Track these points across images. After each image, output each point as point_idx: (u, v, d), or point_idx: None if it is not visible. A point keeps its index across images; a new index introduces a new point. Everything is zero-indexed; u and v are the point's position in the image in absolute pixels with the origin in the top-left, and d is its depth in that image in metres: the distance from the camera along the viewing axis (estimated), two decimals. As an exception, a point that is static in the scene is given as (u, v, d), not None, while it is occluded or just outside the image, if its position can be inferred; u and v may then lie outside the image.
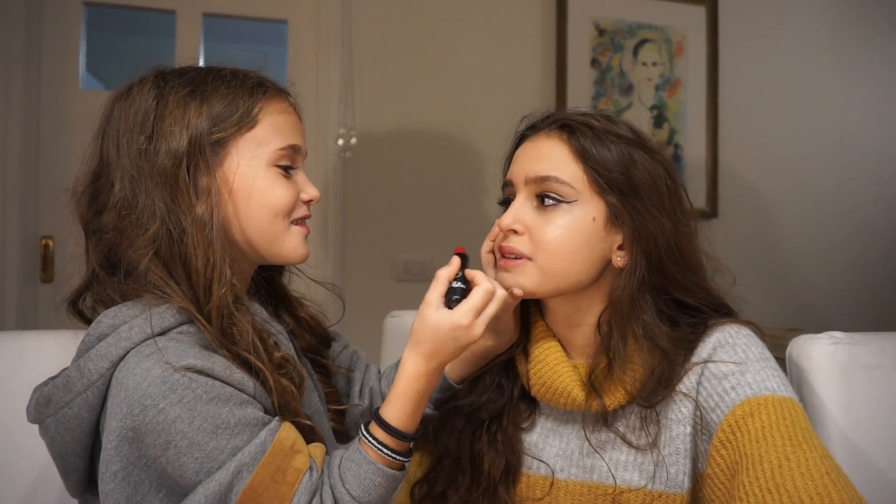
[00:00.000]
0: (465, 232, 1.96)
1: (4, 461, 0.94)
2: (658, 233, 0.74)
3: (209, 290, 0.68)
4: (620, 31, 2.18)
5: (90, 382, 0.65)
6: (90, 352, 0.66)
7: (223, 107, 0.72)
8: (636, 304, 0.74)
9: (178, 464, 0.61)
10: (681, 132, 2.23)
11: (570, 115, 0.79)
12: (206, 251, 0.68)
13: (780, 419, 0.64)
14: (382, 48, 2.00)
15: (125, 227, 0.70)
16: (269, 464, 0.63)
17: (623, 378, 0.73)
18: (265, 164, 0.74)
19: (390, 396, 0.71)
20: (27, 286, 1.80)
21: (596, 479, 0.75)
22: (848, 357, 0.87)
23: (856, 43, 2.44)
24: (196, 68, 0.77)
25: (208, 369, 0.63)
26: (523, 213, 0.77)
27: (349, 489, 0.67)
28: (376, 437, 0.70)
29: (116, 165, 0.72)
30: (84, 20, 1.86)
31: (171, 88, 0.73)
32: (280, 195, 0.74)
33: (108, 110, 0.76)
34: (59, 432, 0.66)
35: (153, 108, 0.71)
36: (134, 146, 0.70)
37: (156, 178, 0.69)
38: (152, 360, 0.63)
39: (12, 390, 0.96)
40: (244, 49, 3.20)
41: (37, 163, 1.81)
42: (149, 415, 0.60)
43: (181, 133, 0.70)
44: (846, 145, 2.43)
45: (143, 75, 0.76)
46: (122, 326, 0.66)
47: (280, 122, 0.76)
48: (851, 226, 2.42)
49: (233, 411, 0.63)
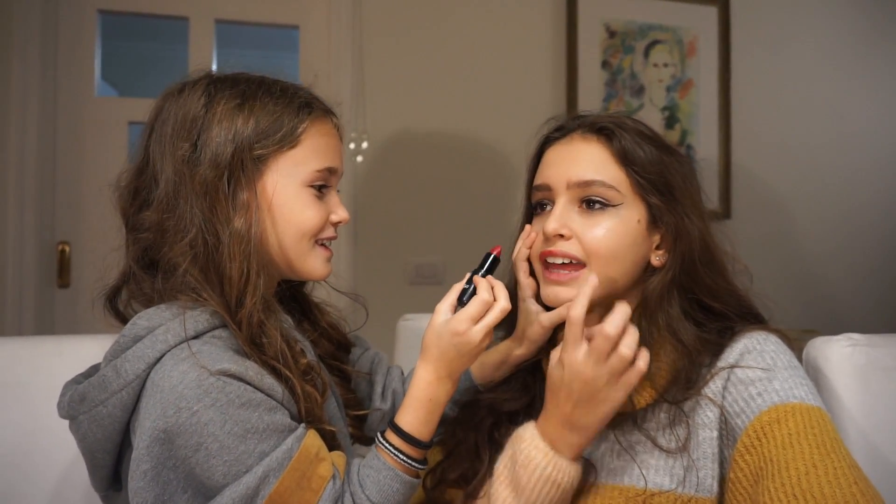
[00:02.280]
0: (478, 234, 1.96)
1: (24, 463, 0.95)
2: (693, 232, 0.75)
3: (241, 300, 0.69)
4: (631, 32, 2.17)
5: (126, 383, 0.66)
6: (126, 353, 0.67)
7: (268, 123, 0.73)
8: (664, 298, 0.75)
9: (206, 465, 0.62)
10: (693, 133, 2.22)
11: (604, 118, 0.79)
12: (241, 264, 0.69)
13: (808, 427, 0.63)
14: (393, 53, 2.01)
15: (166, 228, 0.71)
16: (295, 470, 0.64)
17: (649, 373, 0.72)
18: (300, 183, 0.74)
19: (404, 403, 0.73)
20: (44, 291, 1.82)
21: (627, 481, 0.73)
22: (866, 359, 0.86)
23: (868, 42, 2.41)
24: (248, 79, 0.77)
25: (241, 374, 0.64)
26: (568, 217, 0.76)
27: (368, 495, 0.68)
28: (392, 444, 0.71)
29: (160, 166, 0.73)
30: (99, 28, 1.88)
31: (221, 98, 0.73)
32: (310, 216, 0.75)
33: (158, 107, 0.76)
34: (91, 429, 0.68)
35: (201, 116, 0.72)
36: (178, 151, 0.71)
37: (196, 187, 0.70)
38: (188, 364, 0.64)
39: (31, 395, 0.97)
40: (256, 55, 3.23)
41: (53, 169, 1.83)
42: (182, 416, 0.62)
43: (225, 145, 0.71)
44: (859, 145, 2.40)
45: (197, 77, 0.76)
46: (157, 329, 0.67)
47: (321, 144, 0.76)
48: (865, 227, 2.40)
49: (262, 417, 0.64)
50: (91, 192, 1.86)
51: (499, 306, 0.72)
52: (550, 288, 0.77)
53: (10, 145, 1.76)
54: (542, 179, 0.80)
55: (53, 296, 1.84)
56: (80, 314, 1.85)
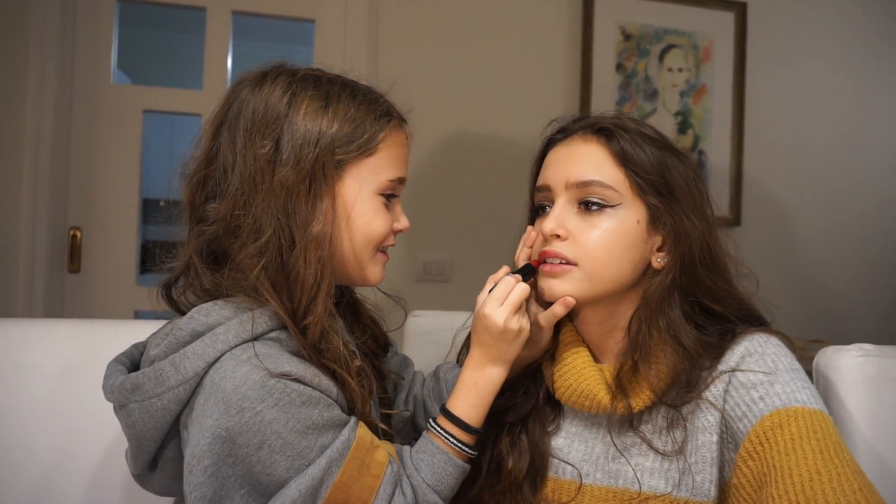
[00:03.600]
0: (486, 233, 1.96)
1: (34, 444, 0.96)
2: (693, 234, 0.75)
3: (310, 306, 0.69)
4: (647, 36, 2.17)
5: (184, 379, 0.66)
6: (186, 349, 0.67)
7: (351, 129, 0.72)
8: (665, 300, 0.75)
9: (269, 462, 0.63)
10: (705, 139, 2.21)
11: (605, 119, 0.79)
12: (315, 270, 0.68)
13: (811, 432, 0.63)
14: (408, 50, 2.01)
15: (237, 225, 0.70)
16: (355, 458, 0.66)
17: (648, 376, 0.73)
18: (373, 191, 0.74)
19: (455, 388, 0.76)
20: (55, 276, 1.83)
21: (622, 484, 0.74)
22: (877, 369, 0.86)
23: (884, 52, 2.40)
24: (330, 79, 0.75)
25: (301, 377, 0.65)
26: (566, 217, 0.76)
27: (424, 478, 0.71)
28: (444, 428, 0.74)
29: (232, 159, 0.71)
30: (116, 16, 1.89)
31: (305, 97, 0.71)
32: (379, 225, 0.75)
33: (231, 96, 0.74)
34: (142, 418, 0.68)
35: (284, 114, 0.70)
36: (259, 149, 0.69)
37: (276, 189, 0.68)
38: (250, 365, 0.64)
39: (42, 376, 0.98)
40: (271, 48, 3.22)
41: (67, 155, 1.84)
42: (245, 416, 0.63)
43: (309, 147, 0.69)
44: (872, 155, 2.39)
45: (277, 70, 0.74)
46: (217, 328, 0.67)
47: (395, 153, 0.76)
48: (877, 236, 2.38)
49: (322, 413, 0.66)
50: (104, 178, 1.87)
51: (519, 286, 0.74)
52: (545, 281, 0.77)
53: (26, 130, 1.77)
54: (543, 181, 0.81)
55: (64, 280, 1.85)
56: (90, 299, 1.86)
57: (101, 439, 0.98)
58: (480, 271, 0.84)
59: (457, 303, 1.04)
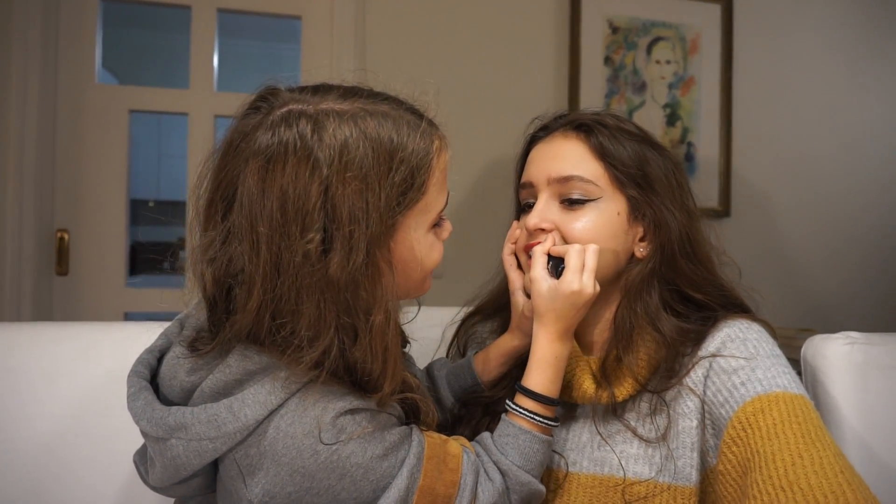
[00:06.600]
0: (477, 229, 1.96)
1: (23, 449, 0.95)
2: (673, 224, 0.77)
3: (379, 383, 0.64)
4: (634, 28, 2.17)
5: (244, 427, 0.61)
6: (244, 395, 0.61)
7: (401, 190, 0.62)
8: (644, 287, 0.77)
9: (353, 488, 0.62)
10: (694, 131, 2.22)
11: (584, 115, 0.81)
12: (383, 355, 0.63)
13: (792, 416, 0.64)
14: (396, 45, 2.00)
15: (281, 327, 0.61)
16: (431, 458, 0.67)
17: (630, 364, 0.75)
18: (426, 229, 0.68)
19: (529, 367, 0.75)
20: (43, 279, 1.82)
21: (607, 471, 0.76)
22: (864, 357, 0.87)
23: (871, 44, 2.41)
24: (358, 146, 0.60)
25: (368, 406, 0.65)
26: (548, 212, 0.79)
27: (513, 461, 0.71)
28: (525, 407, 0.74)
29: (257, 252, 0.59)
30: (100, 15, 1.87)
31: (340, 178, 0.59)
32: (436, 258, 0.71)
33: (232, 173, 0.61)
34: (186, 454, 0.62)
35: (319, 204, 0.58)
36: (296, 247, 0.58)
37: (330, 290, 0.59)
38: (318, 409, 0.61)
39: (31, 380, 0.98)
40: (258, 46, 3.21)
41: (52, 157, 1.83)
42: (321, 457, 0.61)
43: (360, 236, 0.59)
44: (860, 146, 2.41)
45: (292, 143, 0.59)
46: (278, 372, 0.62)
47: (441, 179, 0.69)
48: (864, 226, 2.40)
49: (392, 433, 0.66)
50: (91, 179, 1.85)
51: (590, 248, 0.74)
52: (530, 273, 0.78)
53: (9, 131, 1.75)
54: (526, 177, 0.83)
55: (52, 283, 1.84)
56: (78, 302, 1.85)
57: (91, 443, 0.97)
58: (469, 268, 0.85)
59: (446, 299, 1.04)
